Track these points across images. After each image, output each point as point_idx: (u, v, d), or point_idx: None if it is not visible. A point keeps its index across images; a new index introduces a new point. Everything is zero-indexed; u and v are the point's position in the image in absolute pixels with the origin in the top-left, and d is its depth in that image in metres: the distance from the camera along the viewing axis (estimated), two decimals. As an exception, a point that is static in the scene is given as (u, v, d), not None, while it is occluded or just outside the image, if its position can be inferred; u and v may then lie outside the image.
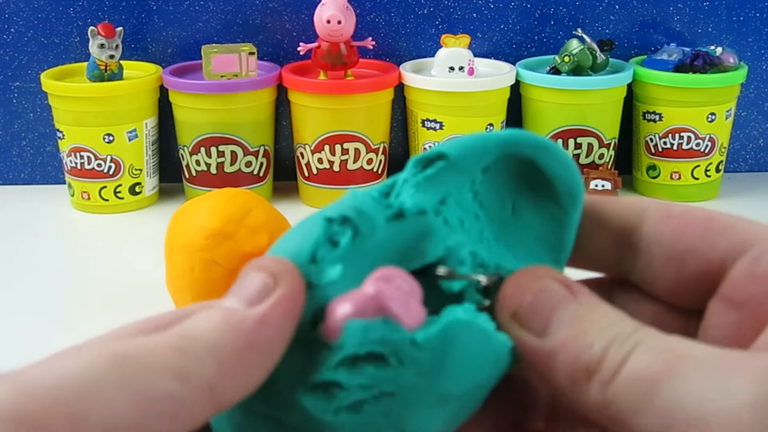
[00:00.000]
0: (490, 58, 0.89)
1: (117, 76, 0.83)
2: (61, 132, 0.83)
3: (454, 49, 0.82)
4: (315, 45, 0.83)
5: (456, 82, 0.82)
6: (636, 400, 0.18)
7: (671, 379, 0.18)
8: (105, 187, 0.84)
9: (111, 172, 0.83)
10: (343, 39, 0.81)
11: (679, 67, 0.84)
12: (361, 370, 0.19)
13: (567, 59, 0.83)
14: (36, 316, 0.64)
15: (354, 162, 0.84)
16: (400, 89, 0.87)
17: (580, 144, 0.84)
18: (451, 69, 0.83)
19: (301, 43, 0.84)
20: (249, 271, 0.20)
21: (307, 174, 0.86)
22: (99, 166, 0.83)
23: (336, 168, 0.84)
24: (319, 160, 0.84)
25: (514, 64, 0.86)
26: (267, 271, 0.20)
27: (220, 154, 0.83)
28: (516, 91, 0.86)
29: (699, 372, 0.18)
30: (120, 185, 0.84)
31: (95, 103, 0.81)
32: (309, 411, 0.19)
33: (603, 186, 0.79)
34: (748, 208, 0.85)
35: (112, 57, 0.82)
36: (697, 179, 0.86)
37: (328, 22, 0.80)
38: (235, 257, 0.53)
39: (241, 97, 0.82)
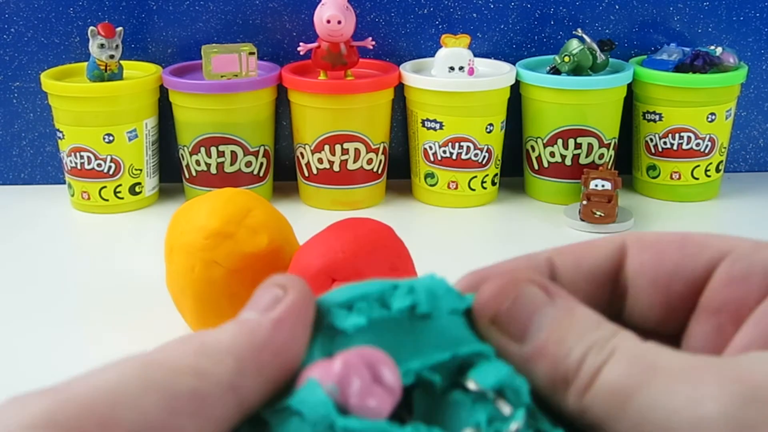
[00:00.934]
0: (490, 58, 0.89)
1: (117, 76, 0.83)
2: (61, 132, 0.83)
3: (454, 49, 0.82)
4: (315, 45, 0.83)
5: (456, 82, 0.82)
6: (610, 410, 0.19)
7: (642, 389, 0.18)
8: (105, 187, 0.84)
9: (111, 172, 0.83)
10: (343, 39, 0.81)
11: (679, 67, 0.84)
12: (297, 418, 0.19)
13: (567, 59, 0.83)
14: (36, 316, 0.64)
15: (354, 162, 0.84)
16: (400, 89, 0.87)
17: (580, 144, 0.84)
18: (451, 69, 0.83)
19: (301, 43, 0.84)
20: (260, 289, 0.21)
21: (307, 174, 0.86)
22: (99, 166, 0.83)
23: (336, 168, 0.84)
24: (319, 160, 0.84)
25: (514, 64, 0.86)
26: (277, 285, 0.21)
27: (220, 154, 0.83)
28: (516, 91, 0.86)
29: (669, 381, 0.18)
30: (120, 185, 0.84)
31: (95, 103, 0.81)
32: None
33: (603, 186, 0.79)
34: (748, 208, 0.85)
35: (112, 57, 0.82)
36: (697, 179, 0.86)
37: (328, 22, 0.80)
38: (235, 257, 0.53)
39: (241, 97, 0.82)
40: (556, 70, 0.85)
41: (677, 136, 0.85)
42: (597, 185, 0.79)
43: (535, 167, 0.87)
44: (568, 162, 0.85)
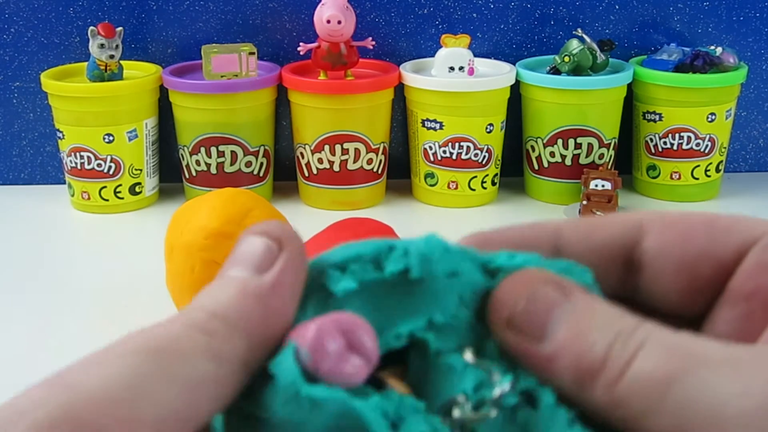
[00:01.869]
0: (490, 58, 0.89)
1: (117, 76, 0.83)
2: (61, 132, 0.83)
3: (454, 49, 0.82)
4: (315, 45, 0.83)
5: (456, 82, 0.82)
6: (647, 401, 0.18)
7: (684, 378, 0.17)
8: (105, 187, 0.84)
9: (111, 172, 0.83)
10: (343, 39, 0.81)
11: (679, 67, 0.84)
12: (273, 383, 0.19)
13: (567, 59, 0.83)
14: (36, 316, 0.64)
15: (354, 162, 0.84)
16: (400, 89, 0.87)
17: (580, 144, 0.84)
18: (451, 69, 0.83)
19: (301, 43, 0.84)
20: (249, 236, 0.20)
21: (307, 174, 0.86)
22: (99, 166, 0.83)
23: (336, 168, 0.84)
24: (319, 160, 0.84)
25: (514, 64, 0.86)
26: (269, 236, 0.20)
27: (220, 154, 0.83)
28: (516, 91, 0.86)
29: (714, 370, 0.17)
30: (120, 185, 0.84)
31: (95, 103, 0.81)
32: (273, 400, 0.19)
33: (603, 186, 0.79)
34: (748, 208, 0.85)
35: (112, 57, 0.82)
36: (697, 179, 0.86)
37: (328, 22, 0.80)
38: (235, 257, 0.53)
39: (241, 97, 0.82)
40: (556, 70, 0.85)
41: (677, 136, 0.85)
42: (597, 185, 0.79)
43: (535, 167, 0.87)
44: (568, 162, 0.85)
